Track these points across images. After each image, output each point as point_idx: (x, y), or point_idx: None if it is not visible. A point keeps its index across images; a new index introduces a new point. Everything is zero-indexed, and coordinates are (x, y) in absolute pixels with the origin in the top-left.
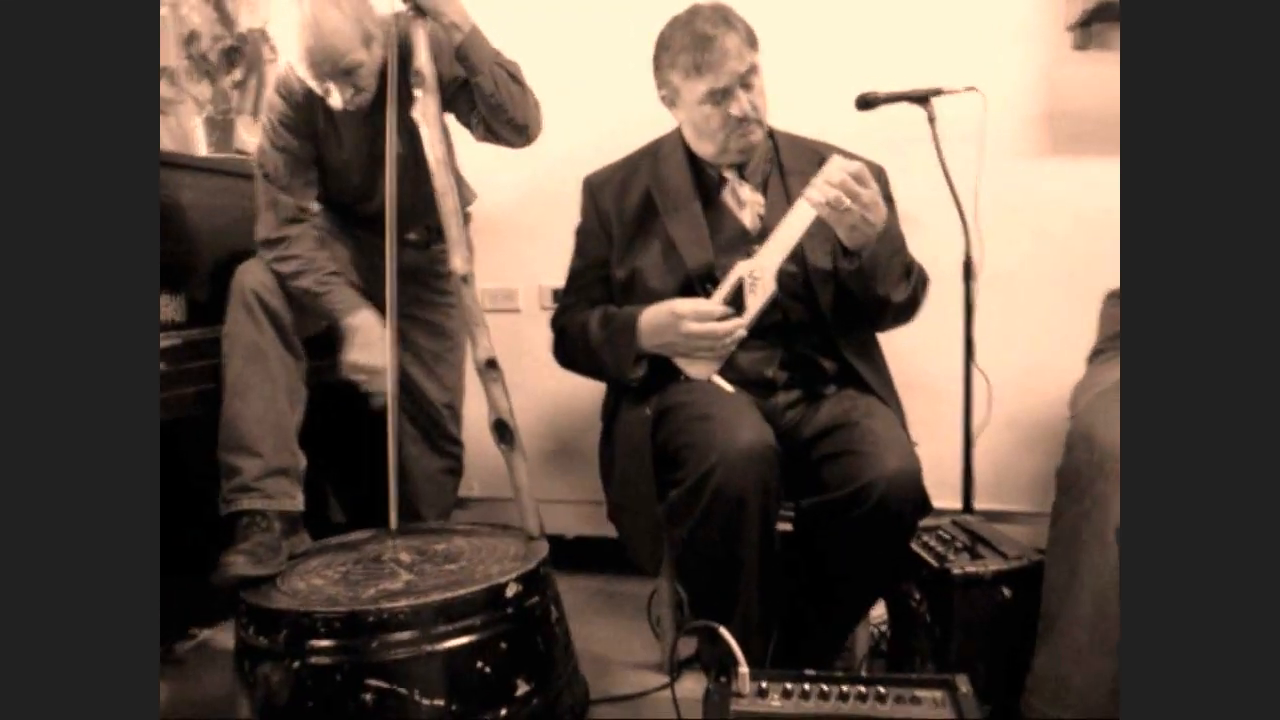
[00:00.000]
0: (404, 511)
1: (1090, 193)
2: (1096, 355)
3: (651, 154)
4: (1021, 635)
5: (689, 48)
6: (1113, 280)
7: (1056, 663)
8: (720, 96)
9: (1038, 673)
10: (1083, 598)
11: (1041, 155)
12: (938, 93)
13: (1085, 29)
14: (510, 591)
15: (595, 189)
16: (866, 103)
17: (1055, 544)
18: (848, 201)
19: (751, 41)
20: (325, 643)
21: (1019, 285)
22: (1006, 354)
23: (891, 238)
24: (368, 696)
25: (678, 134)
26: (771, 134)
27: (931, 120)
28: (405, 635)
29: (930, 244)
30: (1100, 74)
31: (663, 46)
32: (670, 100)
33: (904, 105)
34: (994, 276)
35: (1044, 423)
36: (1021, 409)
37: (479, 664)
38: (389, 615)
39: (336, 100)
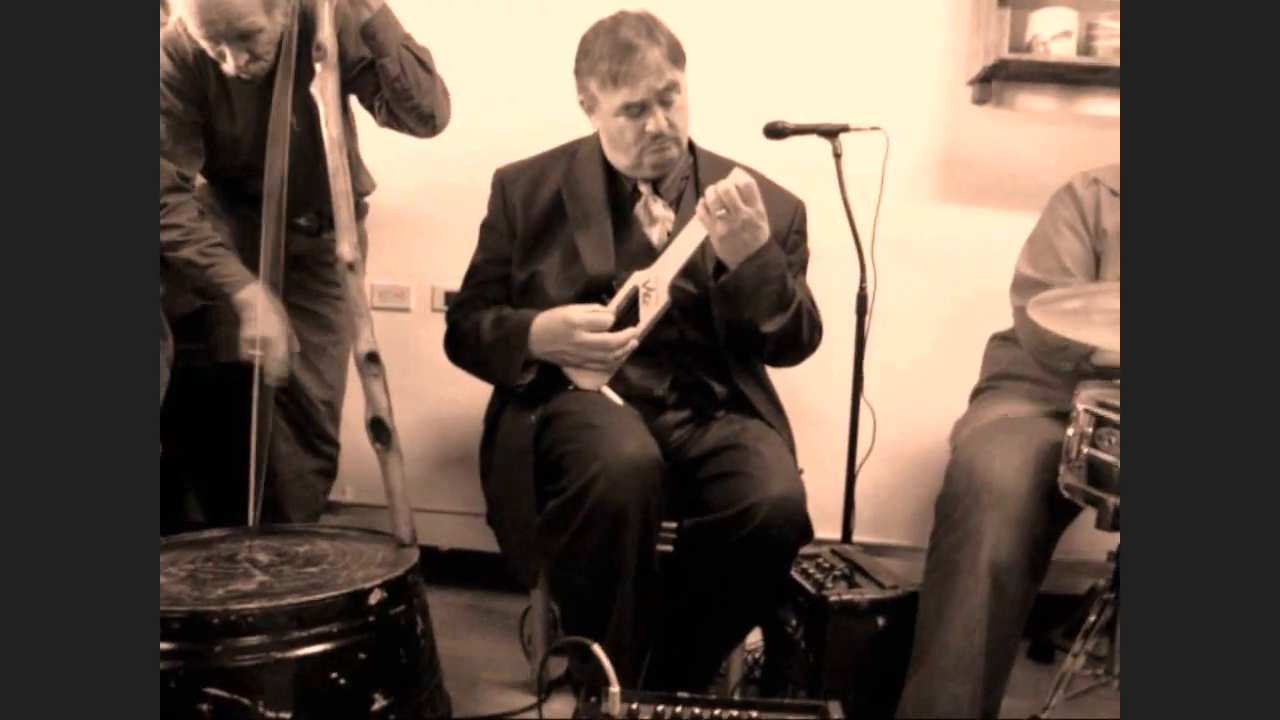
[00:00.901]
0: (269, 512)
1: (981, 240)
2: (978, 394)
3: (568, 155)
4: (894, 664)
5: (608, 56)
6: (998, 323)
7: (924, 686)
8: (637, 110)
9: (906, 697)
10: (952, 624)
11: (937, 200)
12: (845, 129)
13: (985, 84)
14: (373, 599)
15: (506, 182)
16: (775, 132)
17: (931, 572)
18: (724, 210)
19: (675, 57)
20: (162, 645)
21: (908, 322)
22: (892, 389)
23: (767, 264)
24: (205, 707)
25: (596, 139)
26: (693, 149)
27: (837, 155)
28: (254, 640)
29: (827, 275)
30: (997, 129)
31: (584, 51)
32: (588, 107)
33: (811, 138)
34: (885, 312)
35: (925, 458)
36: (904, 444)
37: (333, 674)
38: (237, 618)
39: (230, 66)
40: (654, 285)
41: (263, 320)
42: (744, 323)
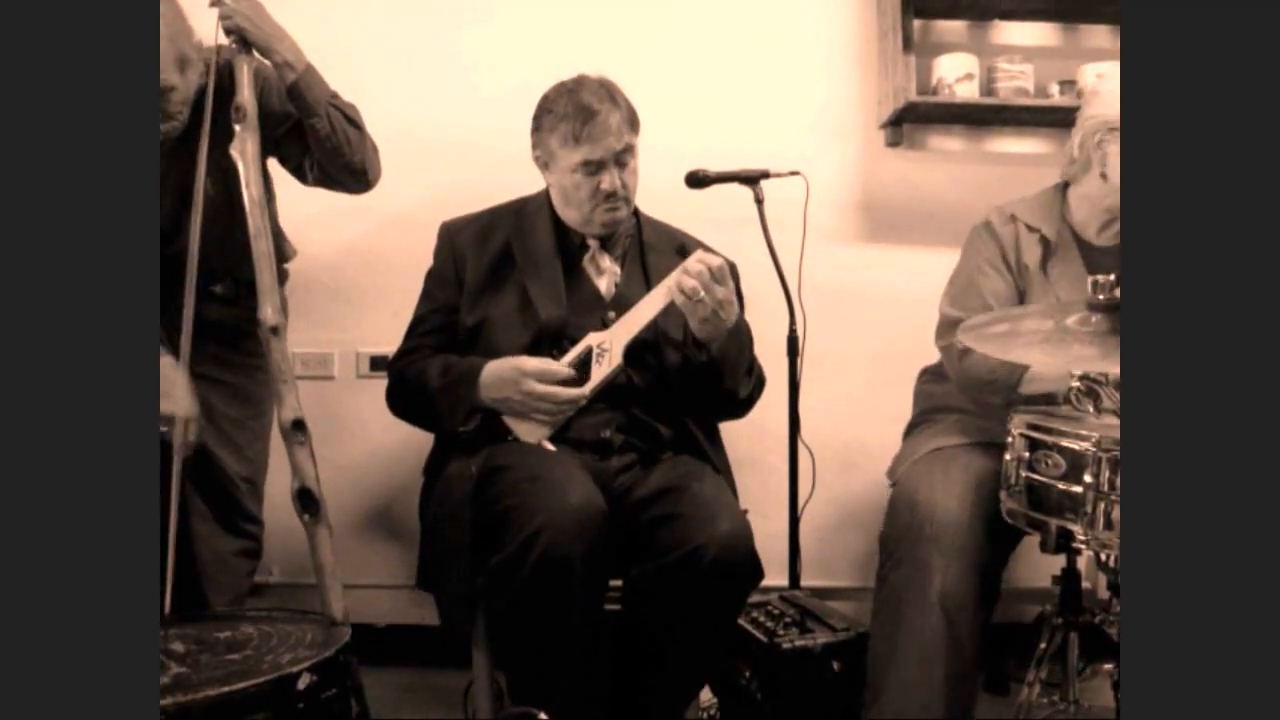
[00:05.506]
0: (188, 598)
1: (903, 276)
2: (911, 429)
3: (515, 210)
4: (852, 707)
5: (571, 116)
6: (926, 358)
7: None
8: (594, 168)
9: None
10: (907, 660)
11: (859, 241)
12: (765, 175)
13: (896, 128)
14: (302, 683)
15: (453, 232)
16: (697, 180)
17: (880, 609)
18: (703, 294)
19: (633, 123)
20: None
21: (839, 363)
22: (829, 430)
23: (740, 334)
24: None
25: (545, 195)
26: (636, 213)
27: (759, 201)
28: None
29: (757, 320)
30: (911, 169)
31: (545, 110)
32: (544, 163)
33: (733, 186)
34: (815, 353)
35: (866, 497)
36: (843, 485)
37: None
38: None
39: None
40: (608, 347)
41: (167, 392)
42: (723, 391)
